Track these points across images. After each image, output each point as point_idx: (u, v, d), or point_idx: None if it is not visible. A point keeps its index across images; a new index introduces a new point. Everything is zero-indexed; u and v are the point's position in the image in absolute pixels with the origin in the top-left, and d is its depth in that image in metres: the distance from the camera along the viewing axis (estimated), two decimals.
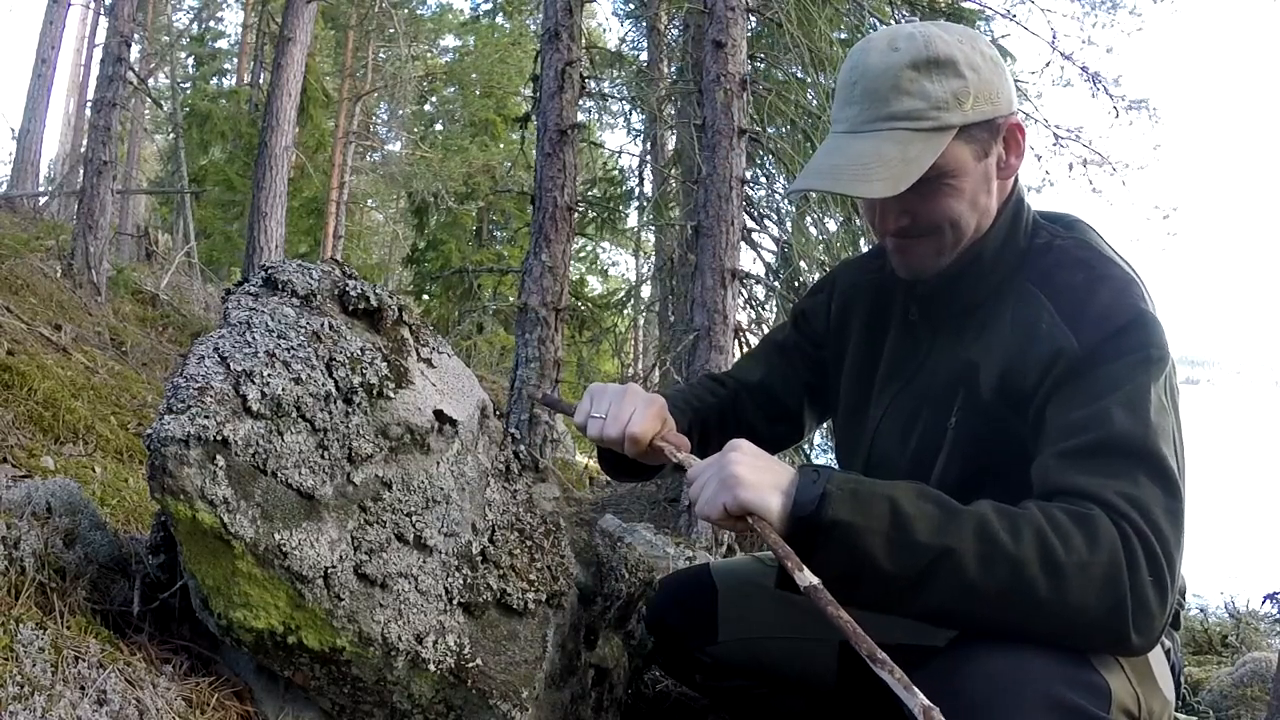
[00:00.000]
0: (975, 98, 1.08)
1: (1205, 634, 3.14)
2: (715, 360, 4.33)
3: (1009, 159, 1.13)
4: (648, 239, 11.77)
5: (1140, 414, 0.96)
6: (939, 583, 0.88)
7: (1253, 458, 12.41)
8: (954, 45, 1.09)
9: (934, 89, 1.07)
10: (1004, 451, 1.08)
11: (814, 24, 5.43)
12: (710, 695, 1.46)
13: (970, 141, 1.09)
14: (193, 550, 0.95)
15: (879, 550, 0.88)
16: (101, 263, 5.86)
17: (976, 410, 1.11)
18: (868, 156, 1.08)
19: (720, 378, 1.45)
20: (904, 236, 1.16)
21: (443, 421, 1.11)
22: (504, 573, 1.10)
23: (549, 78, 4.71)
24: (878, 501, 0.90)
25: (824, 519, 0.89)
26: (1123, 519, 0.89)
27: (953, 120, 1.07)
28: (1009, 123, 1.12)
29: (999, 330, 1.11)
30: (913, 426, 1.18)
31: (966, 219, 1.12)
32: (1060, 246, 1.13)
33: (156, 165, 19.19)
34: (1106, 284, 1.07)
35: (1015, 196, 1.16)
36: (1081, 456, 0.95)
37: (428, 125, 17.64)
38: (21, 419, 2.26)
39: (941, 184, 1.10)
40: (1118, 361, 1.00)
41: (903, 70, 1.08)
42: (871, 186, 1.07)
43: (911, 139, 1.07)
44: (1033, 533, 0.88)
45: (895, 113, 1.08)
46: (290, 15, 7.25)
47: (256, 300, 1.09)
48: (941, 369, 1.17)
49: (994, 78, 1.10)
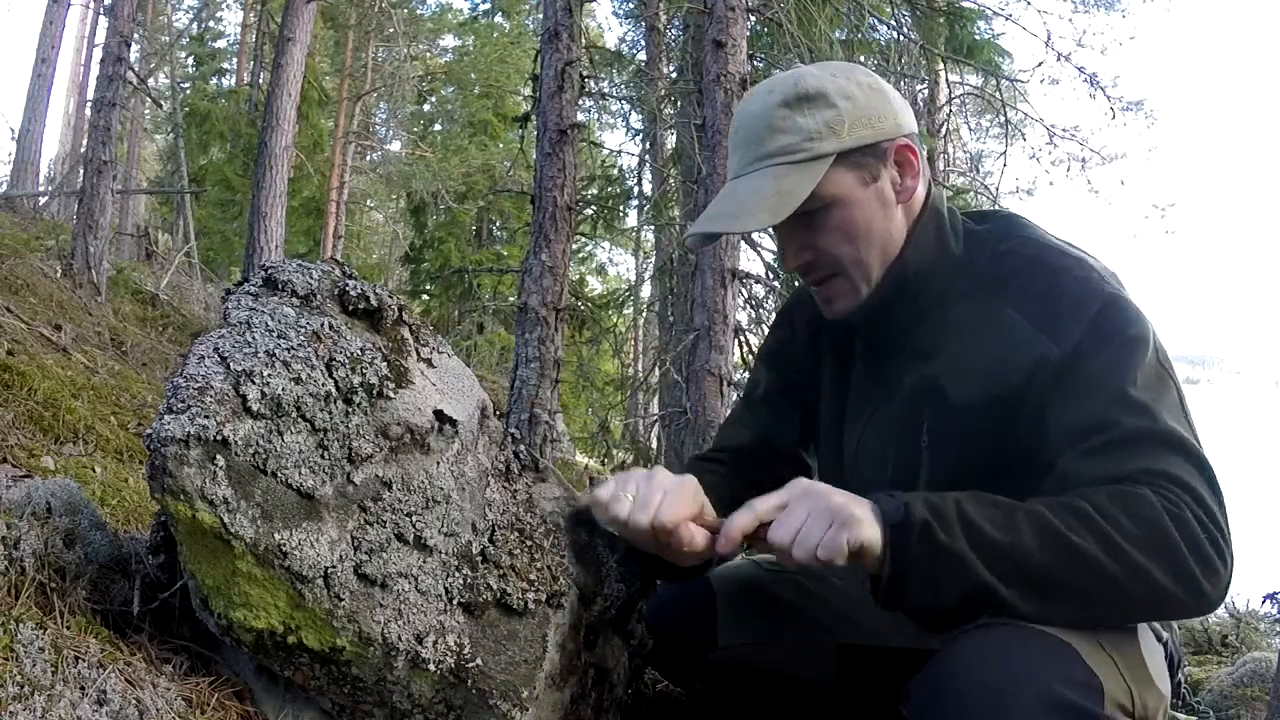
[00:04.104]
0: (851, 124, 1.10)
1: (1205, 634, 3.14)
2: (715, 360, 4.33)
3: (904, 180, 1.14)
4: (647, 238, 11.77)
5: (1141, 399, 0.98)
6: (1018, 578, 0.91)
7: (1253, 458, 12.42)
8: (825, 79, 1.12)
9: (805, 122, 1.10)
10: (985, 459, 1.09)
11: (814, 24, 5.42)
12: (710, 700, 1.46)
13: (853, 168, 1.11)
14: (193, 550, 0.95)
15: (962, 547, 0.91)
16: (101, 263, 5.86)
17: (950, 424, 1.12)
18: (746, 195, 1.11)
19: (712, 456, 1.41)
20: (810, 274, 1.19)
21: (443, 421, 1.11)
22: (504, 573, 1.10)
23: (549, 77, 4.71)
24: (947, 507, 0.93)
25: (914, 520, 0.92)
26: (1161, 489, 0.93)
27: (827, 149, 1.10)
28: (896, 145, 1.13)
29: (963, 346, 1.11)
30: (886, 452, 1.19)
31: (864, 250, 1.14)
32: (1005, 253, 1.14)
33: (156, 165, 19.18)
34: (1065, 277, 1.08)
35: (930, 211, 1.17)
36: (1103, 452, 0.97)
37: (427, 125, 17.65)
38: (21, 419, 2.26)
39: (830, 214, 1.12)
40: (1102, 352, 1.02)
41: (775, 110, 1.12)
42: (749, 220, 1.12)
43: (787, 172, 1.10)
44: (1084, 519, 0.91)
45: (770, 150, 1.11)
46: (290, 15, 7.24)
47: (256, 300, 1.09)
48: (901, 392, 1.17)
49: (873, 103, 1.12)
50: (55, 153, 16.80)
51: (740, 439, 1.40)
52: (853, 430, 1.26)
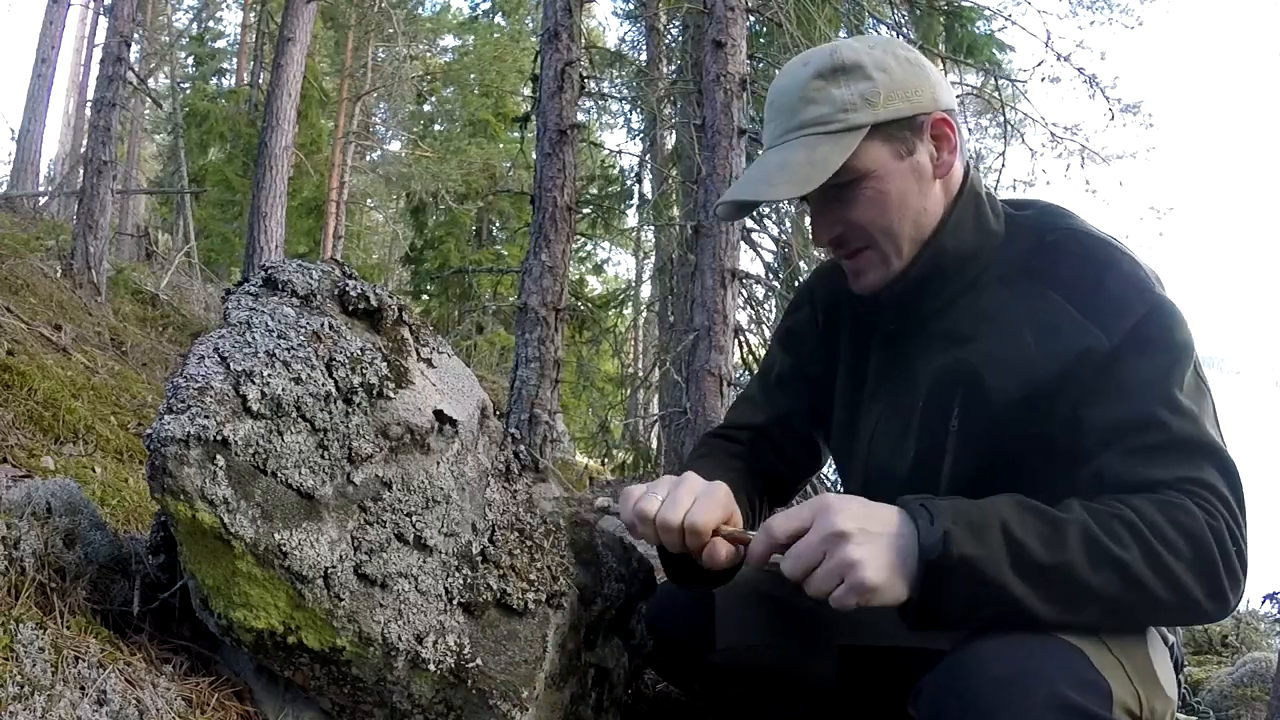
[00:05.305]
0: (887, 97, 1.08)
1: (1205, 634, 3.14)
2: (715, 360, 4.33)
3: (941, 155, 1.13)
4: (647, 239, 11.77)
5: (1186, 406, 0.98)
6: (1058, 595, 0.89)
7: (1253, 458, 12.42)
8: (861, 52, 1.11)
9: (840, 93, 1.09)
10: (1015, 448, 1.07)
11: (814, 24, 5.43)
12: (710, 701, 1.46)
13: (889, 140, 1.10)
14: (193, 550, 0.95)
15: (1006, 577, 0.88)
16: (101, 263, 5.86)
17: (984, 410, 1.10)
18: (777, 165, 1.10)
19: (728, 433, 1.38)
20: (842, 248, 1.17)
21: (443, 421, 1.11)
22: (504, 573, 1.10)
23: (548, 78, 4.71)
24: (991, 530, 0.89)
25: (951, 558, 0.87)
26: (1204, 502, 0.93)
27: (861, 120, 1.08)
28: (934, 119, 1.11)
29: (1003, 330, 1.10)
30: (907, 434, 1.17)
31: (897, 222, 1.12)
32: (1053, 242, 1.12)
33: (156, 165, 19.18)
34: (1116, 271, 1.06)
35: (970, 190, 1.15)
36: (1146, 454, 0.97)
37: (426, 125, 17.64)
38: (21, 419, 2.26)
39: (864, 186, 1.10)
40: (1150, 353, 1.01)
41: (809, 82, 1.10)
42: (779, 189, 1.10)
43: (819, 142, 1.09)
44: (1132, 531, 0.90)
45: (803, 121, 1.10)
46: (290, 15, 7.24)
47: (256, 300, 1.09)
48: (929, 373, 1.15)
49: (909, 77, 1.11)
50: (55, 153, 16.81)
51: (755, 418, 1.38)
52: (869, 413, 1.24)
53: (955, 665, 0.90)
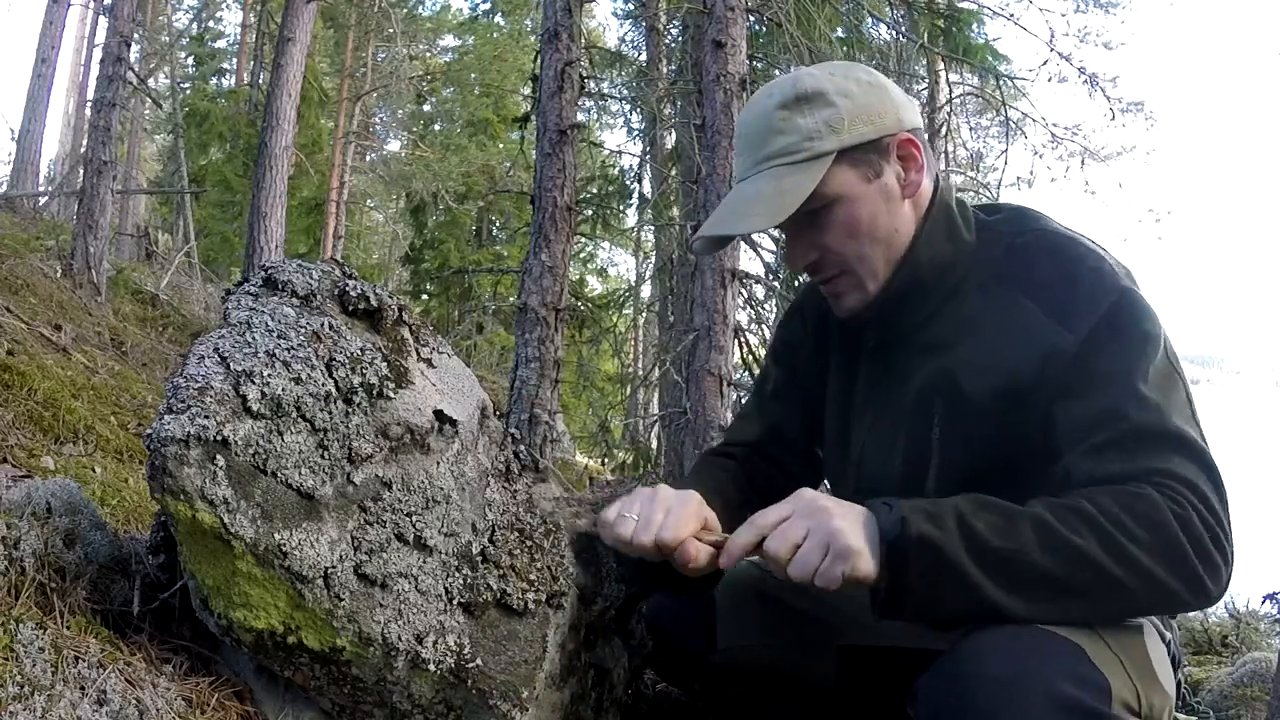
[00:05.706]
0: (850, 121, 1.11)
1: (1205, 634, 3.14)
2: (715, 360, 4.33)
3: (908, 175, 1.15)
4: (647, 239, 11.77)
5: (1151, 397, 0.99)
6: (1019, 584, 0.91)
7: (1253, 458, 12.42)
8: (823, 79, 1.13)
9: (805, 122, 1.11)
10: (997, 451, 1.09)
11: (813, 24, 5.42)
12: (710, 701, 1.46)
13: (855, 165, 1.12)
14: (193, 550, 0.95)
15: (963, 560, 0.91)
16: (101, 263, 5.86)
17: (962, 415, 1.11)
18: (748, 198, 1.12)
19: (724, 450, 1.41)
20: (818, 274, 1.19)
21: (443, 421, 1.11)
22: (504, 573, 1.10)
23: (548, 78, 4.71)
24: (946, 517, 0.93)
25: (909, 537, 0.91)
26: (1169, 491, 0.93)
27: (827, 147, 1.10)
28: (899, 139, 1.13)
29: (980, 336, 1.11)
30: (895, 445, 1.19)
31: (869, 245, 1.14)
32: (1022, 245, 1.14)
33: (156, 165, 19.17)
34: (1080, 267, 1.08)
35: (940, 204, 1.17)
36: (1110, 449, 0.98)
37: (426, 125, 17.65)
38: (21, 419, 2.26)
39: (835, 211, 1.12)
40: (1113, 347, 1.02)
41: (774, 112, 1.13)
42: (752, 221, 1.13)
43: (788, 172, 1.11)
44: (1088, 521, 0.91)
45: (771, 152, 1.12)
46: (290, 15, 7.24)
47: (256, 300, 1.09)
48: (913, 385, 1.17)
49: (872, 100, 1.13)
50: (55, 153, 16.80)
51: (751, 434, 1.40)
52: (860, 425, 1.26)
53: (952, 664, 0.90)
